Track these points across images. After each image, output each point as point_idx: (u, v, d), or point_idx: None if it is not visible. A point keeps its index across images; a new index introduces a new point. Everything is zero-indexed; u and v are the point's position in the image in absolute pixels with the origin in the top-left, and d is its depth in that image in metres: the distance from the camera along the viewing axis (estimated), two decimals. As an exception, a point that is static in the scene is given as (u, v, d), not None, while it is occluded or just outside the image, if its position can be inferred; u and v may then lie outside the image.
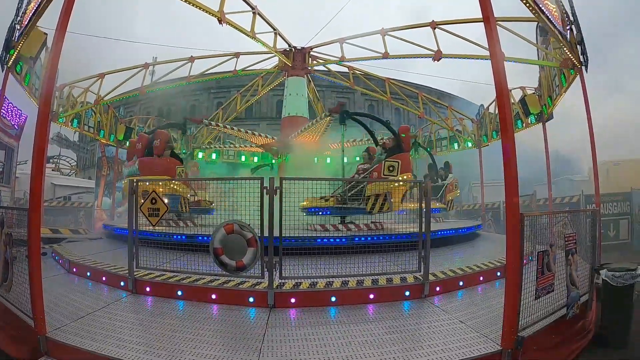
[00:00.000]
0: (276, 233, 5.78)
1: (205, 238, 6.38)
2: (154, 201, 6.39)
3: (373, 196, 9.63)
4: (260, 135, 16.76)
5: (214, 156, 20.62)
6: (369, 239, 7.98)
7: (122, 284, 6.44)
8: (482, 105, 18.73)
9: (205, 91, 39.80)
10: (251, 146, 18.37)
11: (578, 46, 10.09)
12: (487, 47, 4.59)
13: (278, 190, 5.81)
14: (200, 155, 19.86)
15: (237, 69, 17.87)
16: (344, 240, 7.83)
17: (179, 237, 8.01)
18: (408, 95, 20.13)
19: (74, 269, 7.72)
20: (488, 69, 4.50)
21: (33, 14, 8.51)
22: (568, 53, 10.14)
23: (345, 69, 19.11)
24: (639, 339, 6.07)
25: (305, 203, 8.54)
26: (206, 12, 11.01)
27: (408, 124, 10.76)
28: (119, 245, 9.28)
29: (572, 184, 25.35)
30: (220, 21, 11.33)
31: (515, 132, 13.74)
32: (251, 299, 5.73)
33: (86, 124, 17.10)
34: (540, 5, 8.79)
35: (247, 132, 16.22)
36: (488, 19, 4.48)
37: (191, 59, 17.06)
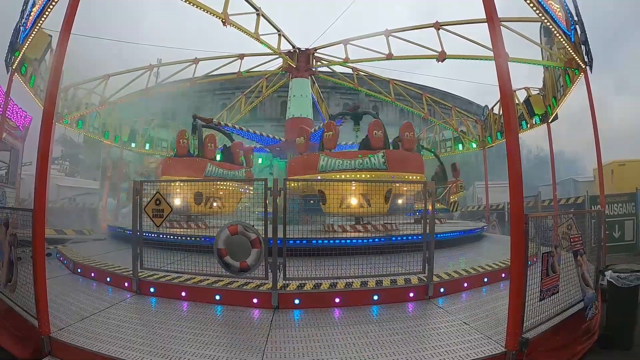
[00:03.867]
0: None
1: (209, 239, 6.38)
2: (158, 202, 6.40)
3: (453, 201, 14.32)
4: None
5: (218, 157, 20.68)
6: (374, 240, 7.95)
7: (126, 284, 6.47)
8: (486, 106, 18.71)
9: (209, 92, 39.87)
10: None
11: (582, 46, 10.06)
12: (491, 47, 4.58)
13: (282, 191, 5.82)
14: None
15: (241, 70, 17.91)
16: (348, 241, 7.82)
17: (183, 238, 8.02)
18: (412, 96, 20.12)
19: (78, 270, 7.75)
20: (493, 70, 4.48)
21: (37, 16, 8.57)
22: (572, 53, 10.11)
23: (350, 70, 19.12)
24: (645, 341, 6.04)
25: None
26: (210, 13, 11.04)
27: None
28: (124, 246, 9.31)
29: (577, 185, 25.27)
30: (224, 23, 11.35)
31: (520, 133, 13.83)
32: (255, 300, 5.73)
33: (91, 126, 17.18)
34: (545, 5, 8.77)
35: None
36: (492, 19, 4.47)
37: (195, 61, 17.12)
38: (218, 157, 13.52)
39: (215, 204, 10.84)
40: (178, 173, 11.20)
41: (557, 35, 9.79)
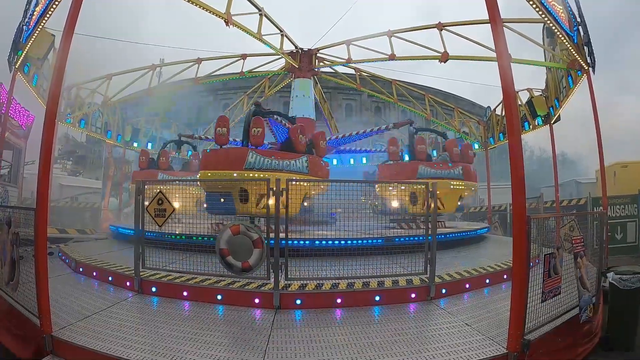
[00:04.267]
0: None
1: (212, 239, 6.39)
2: (160, 202, 6.41)
3: None
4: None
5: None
6: (375, 241, 7.94)
7: (128, 284, 6.47)
8: (489, 107, 18.67)
9: (212, 92, 39.84)
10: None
11: (585, 47, 10.03)
12: (494, 48, 4.58)
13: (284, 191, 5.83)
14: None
15: (244, 70, 17.91)
16: (350, 242, 7.81)
17: (185, 237, 8.03)
18: (415, 97, 20.09)
19: (80, 269, 7.76)
20: (496, 71, 4.47)
21: (40, 16, 8.60)
22: (575, 54, 10.09)
23: (352, 71, 19.10)
24: (646, 343, 6.03)
25: None
26: (213, 13, 11.02)
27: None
28: (126, 246, 9.32)
29: (579, 187, 25.25)
30: (227, 23, 11.33)
31: (522, 134, 13.79)
32: (257, 300, 5.73)
33: (93, 125, 17.23)
34: (547, 6, 8.76)
35: None
36: (494, 20, 4.46)
37: (198, 61, 17.11)
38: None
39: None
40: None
41: (560, 36, 9.77)
